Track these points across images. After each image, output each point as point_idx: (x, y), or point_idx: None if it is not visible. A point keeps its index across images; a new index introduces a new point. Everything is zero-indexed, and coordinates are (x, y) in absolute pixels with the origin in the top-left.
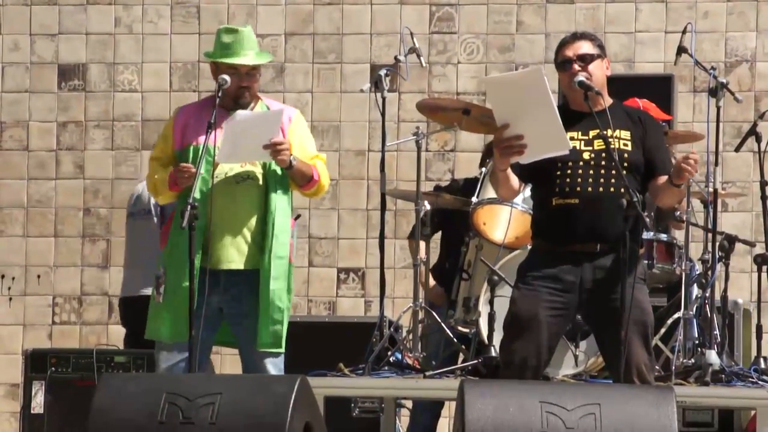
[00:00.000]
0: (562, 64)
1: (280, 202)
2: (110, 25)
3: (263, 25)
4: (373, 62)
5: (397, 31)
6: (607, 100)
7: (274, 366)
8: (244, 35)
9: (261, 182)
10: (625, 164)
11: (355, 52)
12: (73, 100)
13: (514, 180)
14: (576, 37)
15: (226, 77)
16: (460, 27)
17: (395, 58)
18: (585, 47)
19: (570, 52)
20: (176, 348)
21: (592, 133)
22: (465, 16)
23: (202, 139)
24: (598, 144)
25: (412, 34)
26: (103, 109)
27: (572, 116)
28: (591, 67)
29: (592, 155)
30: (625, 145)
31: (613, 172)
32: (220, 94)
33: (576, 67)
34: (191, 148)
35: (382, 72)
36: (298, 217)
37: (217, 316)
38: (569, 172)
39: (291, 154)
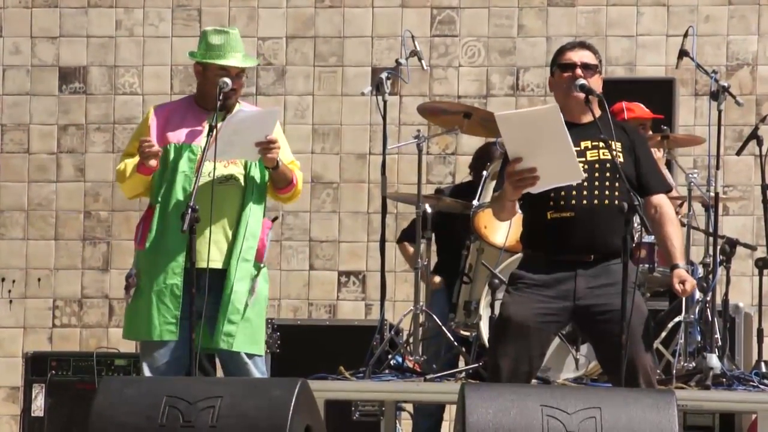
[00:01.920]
0: (566, 66)
1: (255, 206)
2: (111, 28)
3: (264, 28)
4: (375, 65)
5: (399, 34)
6: (597, 112)
7: (255, 365)
8: (233, 37)
9: (242, 184)
10: (618, 174)
11: (356, 55)
12: (73, 103)
13: (516, 205)
14: (583, 45)
15: (228, 80)
16: (461, 30)
17: (396, 61)
18: (590, 58)
19: (576, 58)
20: (162, 348)
21: (584, 144)
22: (466, 20)
23: (182, 138)
24: (591, 155)
25: (413, 37)
26: (103, 112)
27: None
28: (591, 78)
29: (585, 166)
30: (618, 155)
31: (607, 183)
32: (221, 98)
33: (579, 72)
34: (172, 146)
35: (384, 75)
36: (275, 219)
37: (198, 320)
38: (563, 184)
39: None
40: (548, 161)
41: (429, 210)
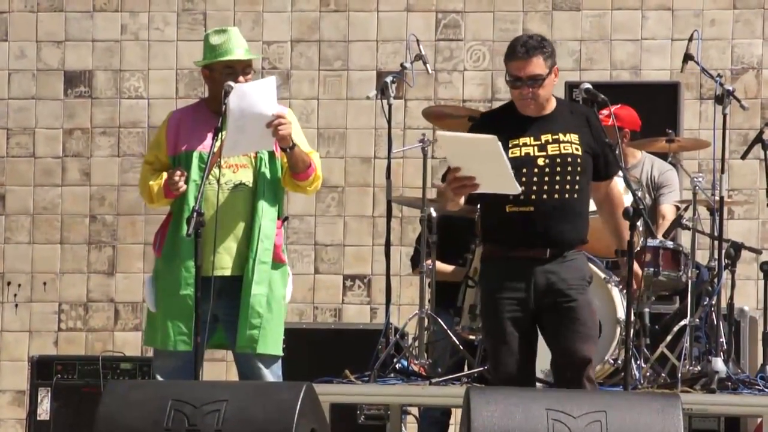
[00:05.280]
0: (512, 81)
1: (267, 207)
2: (116, 32)
3: (269, 32)
4: (380, 69)
5: (404, 38)
6: (552, 104)
7: (272, 372)
8: (233, 33)
9: (252, 188)
10: (579, 168)
11: (361, 59)
12: (79, 107)
13: (462, 198)
14: (529, 52)
15: (232, 84)
16: (466, 34)
17: (401, 65)
18: (537, 67)
19: (521, 73)
20: (172, 356)
21: (544, 138)
22: (471, 24)
23: (193, 144)
24: (552, 149)
25: (418, 41)
26: (109, 116)
27: (522, 121)
28: (543, 85)
29: (547, 161)
30: (577, 149)
31: (568, 178)
32: (226, 101)
33: (526, 88)
34: (183, 154)
35: (389, 79)
36: (286, 219)
37: (212, 323)
38: (524, 179)
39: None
40: (486, 175)
41: (434, 214)
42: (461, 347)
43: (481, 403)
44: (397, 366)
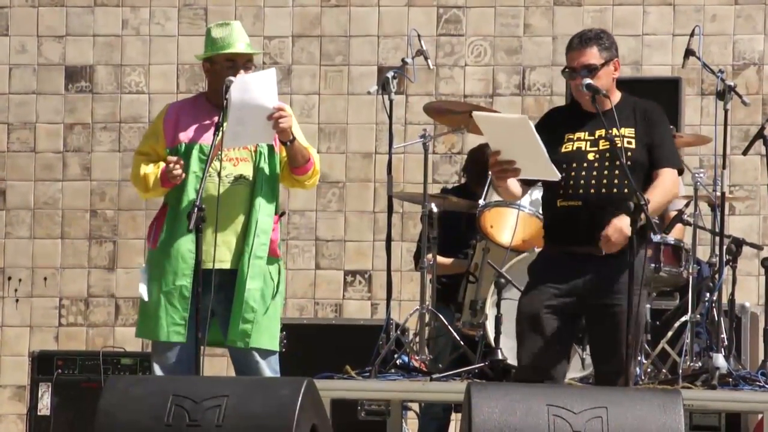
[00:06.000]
0: (569, 72)
1: (265, 202)
2: (117, 27)
3: (270, 27)
4: (381, 64)
5: (405, 33)
6: (616, 98)
7: (268, 365)
8: (236, 27)
9: (251, 182)
10: (629, 163)
11: (362, 54)
12: (80, 102)
13: (515, 188)
14: (583, 43)
15: (233, 79)
16: (467, 29)
17: (402, 60)
18: (592, 57)
19: (575, 62)
20: (170, 350)
21: (597, 134)
22: (472, 19)
23: (193, 137)
24: (603, 144)
25: (419, 36)
26: (110, 111)
27: (582, 116)
28: (597, 74)
29: (597, 156)
30: (629, 143)
31: (617, 173)
32: (227, 96)
33: (580, 78)
34: (183, 146)
35: (390, 74)
36: (282, 214)
37: (210, 316)
38: (573, 174)
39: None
40: (524, 159)
41: (435, 209)
42: (462, 343)
43: (482, 398)
44: (397, 362)
